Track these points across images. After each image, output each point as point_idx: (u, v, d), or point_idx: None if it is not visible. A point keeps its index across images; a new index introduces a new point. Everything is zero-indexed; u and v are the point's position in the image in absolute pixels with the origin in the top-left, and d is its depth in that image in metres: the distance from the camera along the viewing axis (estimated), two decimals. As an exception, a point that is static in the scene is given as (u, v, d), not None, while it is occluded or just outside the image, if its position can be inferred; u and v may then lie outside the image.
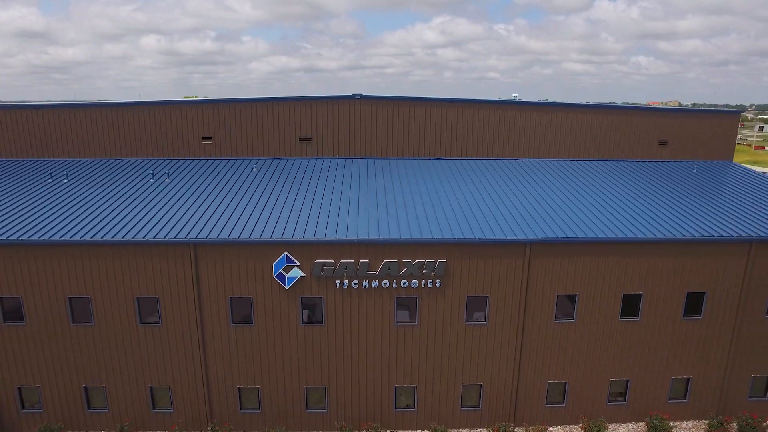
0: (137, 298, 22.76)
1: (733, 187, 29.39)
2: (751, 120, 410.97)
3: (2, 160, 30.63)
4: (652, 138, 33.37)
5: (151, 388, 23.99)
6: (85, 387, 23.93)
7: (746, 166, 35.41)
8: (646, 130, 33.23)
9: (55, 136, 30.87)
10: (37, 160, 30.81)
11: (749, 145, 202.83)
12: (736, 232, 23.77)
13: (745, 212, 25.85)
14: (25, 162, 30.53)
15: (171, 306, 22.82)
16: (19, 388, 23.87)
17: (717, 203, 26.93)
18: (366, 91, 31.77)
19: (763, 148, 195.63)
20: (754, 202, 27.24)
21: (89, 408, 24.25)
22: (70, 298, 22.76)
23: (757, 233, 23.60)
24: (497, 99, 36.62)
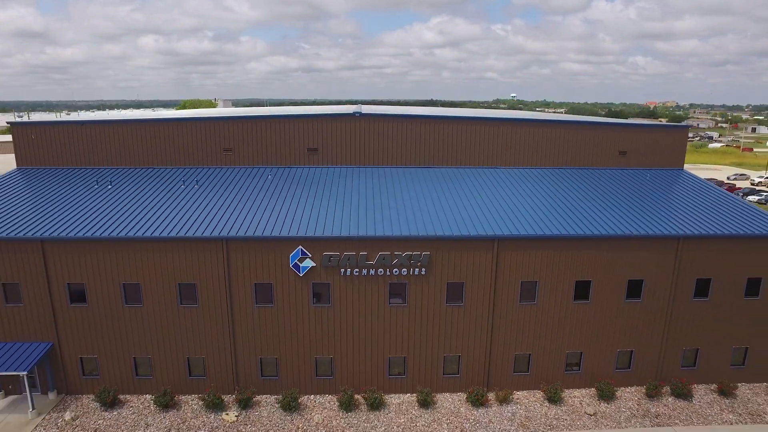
0: (178, 284, 28.08)
1: (675, 192, 34.82)
2: (746, 120, 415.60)
3: (53, 169, 35.87)
4: (613, 149, 38.72)
5: (188, 358, 29.31)
6: (134, 357, 29.24)
7: (695, 174, 40.83)
8: (607, 142, 38.60)
9: (97, 147, 36.10)
10: (82, 169, 36.05)
11: (738, 146, 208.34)
12: (667, 230, 29.19)
13: (678, 213, 31.28)
14: (72, 170, 35.76)
15: (206, 290, 28.15)
16: (81, 358, 29.18)
17: (658, 205, 32.33)
18: (365, 92, 38.61)
19: (751, 149, 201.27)
20: (688, 204, 32.69)
21: (137, 375, 29.57)
22: (123, 285, 28.08)
23: (683, 231, 29.04)
24: (481, 116, 42.01)
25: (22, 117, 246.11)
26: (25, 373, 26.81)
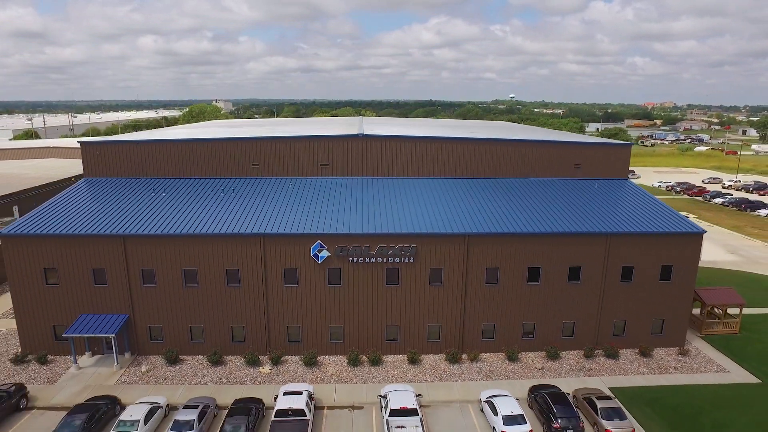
0: (226, 269, 37.23)
1: (614, 198, 44.00)
2: (740, 122, 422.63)
3: (114, 179, 44.97)
4: (570, 162, 47.88)
5: (231, 327, 38.44)
6: (190, 326, 38.39)
7: (636, 183, 49.97)
8: (565, 157, 47.75)
9: (149, 161, 45.18)
10: (139, 179, 45.13)
11: (722, 150, 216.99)
12: (600, 228, 38.39)
13: (612, 215, 40.48)
14: (130, 180, 44.84)
15: (247, 274, 37.29)
16: (149, 327, 38.33)
17: (598, 208, 41.51)
18: (363, 92, 49.60)
19: (735, 153, 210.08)
20: (621, 208, 41.89)
21: (192, 340, 38.70)
22: (184, 270, 37.23)
23: (612, 229, 38.25)
24: (465, 137, 51.12)
25: (31, 120, 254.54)
26: (113, 335, 36.00)
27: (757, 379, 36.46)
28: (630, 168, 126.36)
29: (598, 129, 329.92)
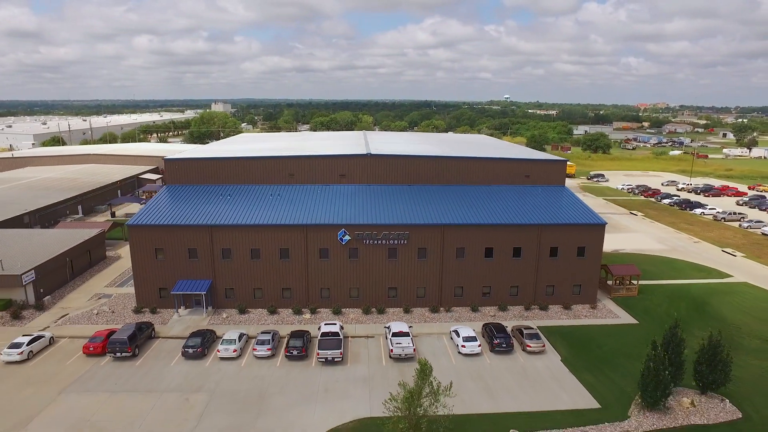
0: (279, 248, 55.59)
1: (549, 199, 62.56)
2: (725, 125, 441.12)
3: (188, 186, 63.15)
4: (522, 173, 66.48)
5: (282, 288, 56.78)
6: (253, 288, 56.70)
7: (603, 186, 68.54)
8: (519, 169, 66.36)
9: (214, 172, 63.44)
10: (207, 186, 63.32)
11: (694, 153, 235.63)
12: (534, 220, 56.96)
13: (545, 211, 59.05)
14: (201, 186, 63.02)
15: (294, 252, 55.65)
16: (225, 288, 56.62)
17: (536, 206, 60.04)
18: (359, 92, 71.28)
19: (706, 156, 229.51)
20: (552, 206, 60.48)
21: (255, 298, 57.00)
22: (251, 249, 55.58)
23: (542, 221, 56.84)
24: (448, 155, 69.57)
25: (47, 123, 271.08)
26: (204, 293, 54.33)
27: (636, 321, 55.12)
28: (601, 172, 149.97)
29: (586, 131, 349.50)
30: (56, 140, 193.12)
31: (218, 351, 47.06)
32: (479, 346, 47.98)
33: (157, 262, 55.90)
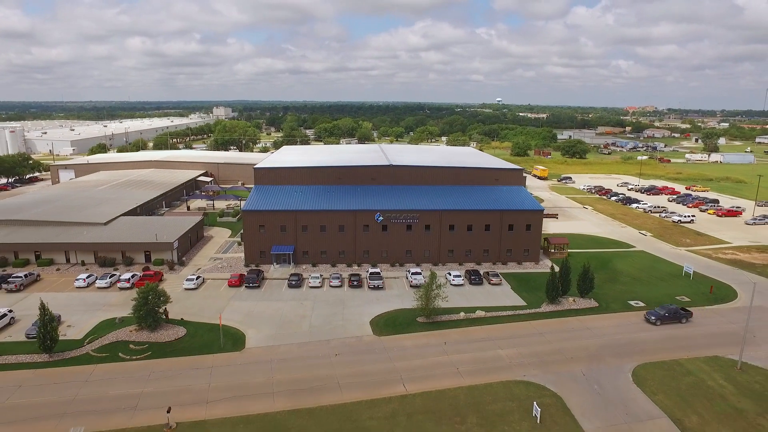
0: (338, 225, 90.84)
1: (511, 195, 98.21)
2: (703, 131, 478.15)
3: (272, 186, 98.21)
4: (493, 177, 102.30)
5: (339, 251, 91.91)
6: (320, 251, 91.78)
7: (569, 187, 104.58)
8: (491, 175, 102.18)
9: (288, 176, 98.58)
10: (285, 186, 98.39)
11: (658, 158, 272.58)
12: (499, 207, 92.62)
13: (506, 202, 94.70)
14: (281, 186, 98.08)
15: (348, 228, 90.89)
16: (302, 251, 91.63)
17: (501, 199, 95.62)
18: (352, 93, 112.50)
19: (669, 161, 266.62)
20: (511, 199, 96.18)
21: (321, 256, 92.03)
22: (320, 225, 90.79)
23: (504, 208, 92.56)
24: (442, 164, 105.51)
25: (73, 129, 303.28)
26: (290, 253, 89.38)
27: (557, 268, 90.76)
28: (569, 175, 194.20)
29: (570, 136, 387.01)
30: (102, 147, 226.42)
31: (309, 282, 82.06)
32: (463, 280, 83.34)
33: (260, 233, 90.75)
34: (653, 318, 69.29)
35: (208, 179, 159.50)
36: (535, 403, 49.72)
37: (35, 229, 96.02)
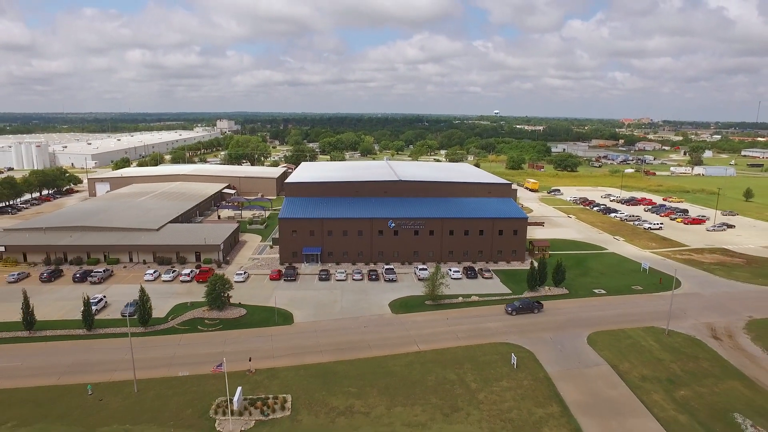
0: (358, 230, 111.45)
1: (501, 206, 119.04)
2: (693, 144, 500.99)
3: (299, 198, 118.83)
4: (486, 190, 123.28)
5: (358, 251, 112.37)
6: (343, 251, 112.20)
7: (557, 198, 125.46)
8: (484, 188, 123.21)
9: (317, 190, 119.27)
10: (310, 198, 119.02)
11: (644, 171, 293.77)
12: (490, 215, 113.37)
13: (496, 211, 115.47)
14: (306, 198, 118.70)
15: (366, 232, 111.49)
16: (328, 252, 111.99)
17: (492, 209, 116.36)
18: (350, 105, 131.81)
19: (654, 173, 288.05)
20: (501, 209, 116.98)
21: (343, 256, 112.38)
22: (343, 231, 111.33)
23: (495, 216, 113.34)
24: (443, 180, 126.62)
25: (91, 143, 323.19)
26: (318, 253, 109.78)
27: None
28: (558, 187, 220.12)
29: (564, 149, 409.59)
30: (125, 161, 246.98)
31: (336, 276, 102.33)
32: (461, 274, 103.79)
33: (292, 237, 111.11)
34: (509, 309, 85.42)
35: (232, 191, 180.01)
36: (513, 354, 69.91)
37: (100, 234, 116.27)
